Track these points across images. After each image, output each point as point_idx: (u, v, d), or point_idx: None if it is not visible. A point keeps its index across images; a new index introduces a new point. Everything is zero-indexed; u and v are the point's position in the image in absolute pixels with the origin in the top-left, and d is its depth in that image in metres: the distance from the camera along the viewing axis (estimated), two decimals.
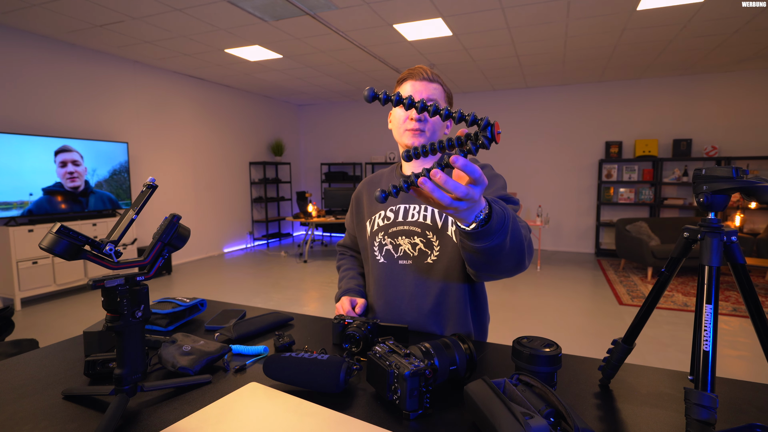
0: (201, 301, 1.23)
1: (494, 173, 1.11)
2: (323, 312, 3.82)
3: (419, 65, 1.10)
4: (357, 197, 1.30)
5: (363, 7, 3.58)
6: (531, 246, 0.88)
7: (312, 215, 6.09)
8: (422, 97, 1.06)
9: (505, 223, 0.73)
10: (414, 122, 1.06)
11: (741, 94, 5.71)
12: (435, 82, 1.08)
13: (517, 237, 0.79)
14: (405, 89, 1.08)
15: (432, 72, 1.09)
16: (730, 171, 0.62)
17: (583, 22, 3.93)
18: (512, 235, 0.77)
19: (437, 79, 1.09)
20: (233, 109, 6.86)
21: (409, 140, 1.08)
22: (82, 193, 4.46)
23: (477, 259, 0.79)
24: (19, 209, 3.93)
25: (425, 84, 1.07)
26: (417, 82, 1.07)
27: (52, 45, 4.31)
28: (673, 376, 0.83)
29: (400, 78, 1.12)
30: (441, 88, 1.10)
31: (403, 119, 1.09)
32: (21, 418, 0.71)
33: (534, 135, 6.82)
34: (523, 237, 0.82)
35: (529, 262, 0.87)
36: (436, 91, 1.08)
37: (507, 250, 0.77)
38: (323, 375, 0.75)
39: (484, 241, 0.72)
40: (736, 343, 3.06)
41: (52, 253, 0.64)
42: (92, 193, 4.57)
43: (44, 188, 4.13)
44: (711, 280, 0.61)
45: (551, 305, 3.99)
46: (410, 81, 1.08)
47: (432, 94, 1.07)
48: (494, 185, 1.07)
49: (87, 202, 4.51)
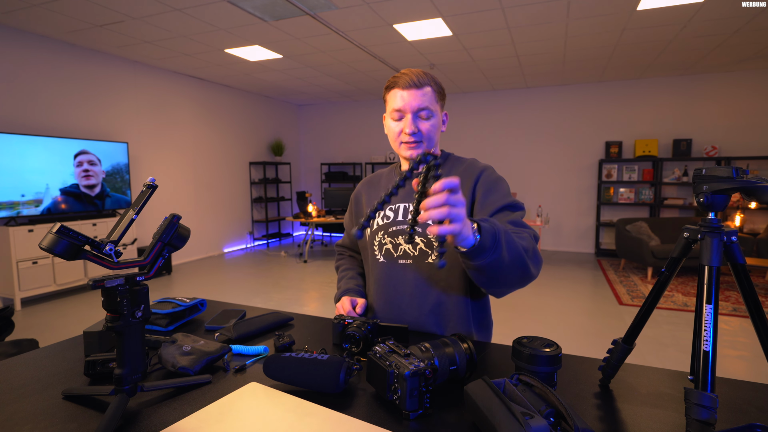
0: (201, 301, 1.23)
1: (496, 176, 1.09)
2: (323, 312, 3.82)
3: (406, 70, 1.07)
4: (356, 197, 1.29)
5: (363, 7, 3.58)
6: (537, 255, 0.90)
7: (312, 215, 6.10)
8: (411, 106, 1.04)
9: (496, 238, 0.78)
10: (408, 136, 1.06)
11: (741, 94, 5.71)
12: (423, 86, 1.05)
13: (514, 249, 0.82)
14: (394, 98, 1.06)
15: (419, 75, 1.05)
16: (730, 171, 0.62)
17: (583, 22, 3.93)
18: (508, 248, 0.81)
19: (426, 81, 1.05)
20: (233, 109, 6.86)
21: (406, 152, 1.09)
22: (99, 196, 4.58)
23: (481, 276, 0.84)
24: (31, 207, 4.00)
25: (413, 92, 1.04)
26: (405, 91, 1.04)
27: (52, 45, 4.31)
28: (673, 376, 0.83)
29: (387, 85, 1.09)
30: (431, 89, 1.06)
31: (397, 132, 1.08)
32: (21, 418, 0.71)
33: (534, 135, 6.82)
34: (522, 248, 0.85)
35: (537, 271, 0.90)
36: (426, 94, 1.05)
37: (507, 263, 0.81)
38: (323, 375, 0.75)
39: (480, 258, 0.77)
40: (736, 343, 3.06)
41: (52, 253, 0.64)
42: (108, 196, 4.70)
43: (61, 189, 4.24)
44: (711, 280, 0.61)
45: (551, 305, 3.98)
46: (397, 90, 1.06)
47: (422, 101, 1.04)
48: (498, 191, 1.05)
49: (103, 204, 4.65)
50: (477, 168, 1.11)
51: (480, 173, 1.09)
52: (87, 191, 4.45)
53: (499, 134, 7.03)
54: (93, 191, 4.51)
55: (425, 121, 1.06)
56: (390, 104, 1.09)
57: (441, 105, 1.11)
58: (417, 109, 1.05)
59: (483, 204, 1.04)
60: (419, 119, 1.06)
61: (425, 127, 1.06)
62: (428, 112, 1.06)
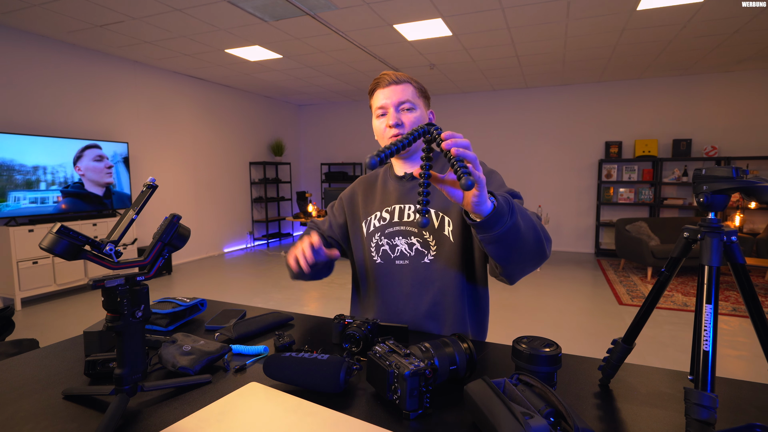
0: (201, 301, 1.23)
1: (489, 169, 1.09)
2: (323, 312, 3.82)
3: (383, 72, 1.12)
4: (351, 196, 1.26)
5: (363, 7, 3.58)
6: (546, 232, 0.90)
7: (312, 215, 6.10)
8: (393, 101, 1.08)
9: (510, 204, 0.79)
10: (392, 128, 1.08)
11: (741, 94, 5.71)
12: (402, 83, 1.09)
13: (527, 217, 0.84)
14: (377, 98, 1.11)
15: (398, 74, 1.10)
16: (730, 171, 0.62)
17: (583, 22, 3.93)
18: (522, 216, 0.82)
19: (404, 79, 1.10)
20: (233, 109, 6.87)
21: None
22: (107, 194, 4.63)
23: (500, 249, 0.82)
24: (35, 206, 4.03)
25: (393, 88, 1.08)
26: (385, 89, 1.09)
27: (52, 45, 4.31)
28: (673, 375, 0.83)
29: (370, 89, 1.14)
30: (410, 85, 1.10)
31: (383, 129, 1.10)
32: (21, 417, 0.71)
33: (534, 135, 6.82)
34: (533, 219, 0.87)
35: (549, 248, 0.90)
36: (406, 89, 1.09)
37: (523, 230, 0.81)
38: (323, 375, 0.75)
39: (499, 225, 0.77)
40: (736, 343, 3.06)
41: (53, 254, 0.64)
42: (114, 194, 4.73)
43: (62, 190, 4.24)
44: (711, 280, 0.61)
45: (551, 305, 3.99)
46: (378, 90, 1.10)
47: (402, 95, 1.08)
48: (494, 182, 1.06)
49: (111, 202, 4.69)
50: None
51: None
52: (96, 190, 4.49)
53: (499, 134, 7.03)
54: (101, 189, 4.57)
55: (408, 113, 1.09)
56: (374, 105, 1.12)
57: (424, 102, 1.14)
58: (398, 103, 1.08)
59: None
60: (401, 111, 1.09)
61: (408, 119, 1.09)
62: (410, 104, 1.09)
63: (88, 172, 4.41)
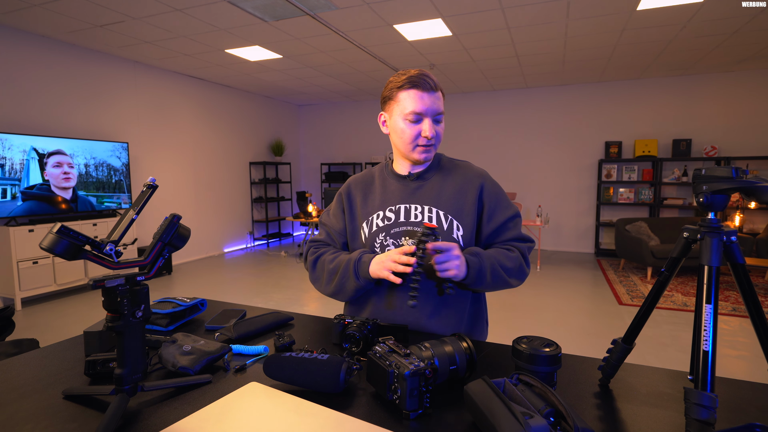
0: (201, 301, 1.23)
1: (497, 187, 1.14)
2: (323, 312, 3.82)
3: (419, 71, 1.05)
4: (349, 197, 1.22)
5: (363, 8, 3.58)
6: (522, 270, 1.08)
7: (312, 215, 6.09)
8: (432, 110, 1.04)
9: (482, 272, 1.01)
10: (426, 140, 1.06)
11: (741, 94, 5.71)
12: (438, 90, 1.07)
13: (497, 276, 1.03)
14: (412, 99, 1.03)
15: (434, 79, 1.06)
16: (729, 171, 0.62)
17: (583, 22, 3.93)
18: (493, 276, 1.03)
19: (439, 85, 1.08)
20: (233, 109, 6.86)
21: (421, 155, 1.09)
22: (73, 198, 4.39)
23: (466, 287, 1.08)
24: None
25: (432, 96, 1.04)
26: (426, 94, 1.03)
27: (52, 45, 4.31)
28: (672, 375, 0.83)
29: (401, 83, 1.04)
30: (441, 93, 1.09)
31: (413, 135, 1.06)
32: (21, 417, 0.71)
33: (534, 135, 6.82)
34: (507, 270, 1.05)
35: (519, 282, 1.09)
36: (440, 99, 1.07)
37: (489, 285, 1.04)
38: (323, 375, 0.75)
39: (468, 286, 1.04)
40: (735, 343, 3.06)
41: (53, 253, 0.64)
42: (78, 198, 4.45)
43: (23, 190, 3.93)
44: (711, 280, 0.62)
45: (551, 305, 3.99)
46: (417, 91, 1.03)
47: (440, 106, 1.07)
48: (502, 202, 1.13)
49: (76, 206, 4.44)
50: (475, 175, 1.14)
51: (482, 183, 1.13)
52: (61, 192, 4.27)
53: (499, 134, 7.02)
54: (67, 193, 4.34)
55: (439, 125, 1.09)
56: (405, 105, 1.04)
57: None
58: (436, 113, 1.06)
59: (491, 217, 1.12)
60: (435, 123, 1.08)
61: (440, 131, 1.09)
62: (442, 116, 1.09)
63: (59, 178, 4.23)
